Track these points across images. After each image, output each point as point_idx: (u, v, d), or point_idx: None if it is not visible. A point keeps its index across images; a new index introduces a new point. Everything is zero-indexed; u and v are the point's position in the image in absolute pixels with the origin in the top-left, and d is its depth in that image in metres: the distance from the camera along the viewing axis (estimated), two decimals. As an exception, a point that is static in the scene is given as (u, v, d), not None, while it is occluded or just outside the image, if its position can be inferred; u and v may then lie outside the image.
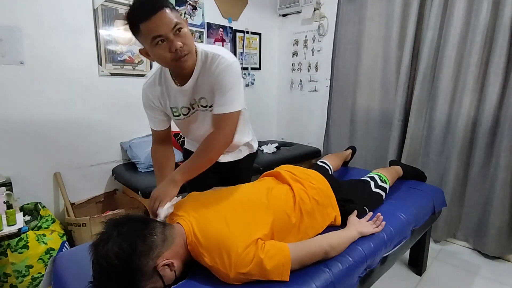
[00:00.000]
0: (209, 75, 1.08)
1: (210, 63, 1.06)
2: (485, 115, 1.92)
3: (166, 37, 0.94)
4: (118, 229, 0.82)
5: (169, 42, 0.95)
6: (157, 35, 0.93)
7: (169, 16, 0.93)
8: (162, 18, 0.92)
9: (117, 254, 0.77)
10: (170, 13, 0.93)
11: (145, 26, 0.92)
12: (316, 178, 1.29)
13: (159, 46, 0.95)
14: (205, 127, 1.21)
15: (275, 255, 0.88)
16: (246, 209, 1.00)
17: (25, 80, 1.83)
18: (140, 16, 0.92)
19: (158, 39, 0.94)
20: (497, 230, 1.92)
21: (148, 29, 0.92)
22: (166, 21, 0.93)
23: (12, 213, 1.35)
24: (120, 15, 2.14)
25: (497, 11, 1.83)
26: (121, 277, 0.77)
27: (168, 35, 0.94)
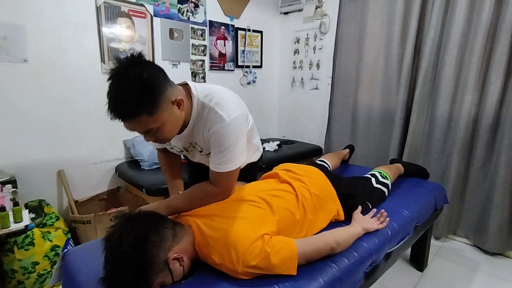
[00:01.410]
0: (204, 129, 0.99)
1: (206, 116, 0.98)
2: (486, 113, 1.93)
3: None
4: (131, 222, 0.84)
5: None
6: (126, 128, 0.88)
7: (141, 124, 0.85)
8: (132, 125, 0.85)
9: (131, 243, 0.79)
10: (144, 121, 0.84)
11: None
12: (315, 174, 1.32)
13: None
14: (203, 160, 1.18)
15: (281, 249, 0.89)
16: (250, 208, 1.01)
17: (28, 78, 1.83)
18: (110, 112, 0.83)
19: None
20: (498, 227, 1.94)
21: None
22: (136, 128, 0.86)
23: (18, 210, 1.37)
24: (123, 13, 2.14)
25: (499, 9, 1.84)
26: (134, 266, 0.79)
27: (139, 132, 0.89)
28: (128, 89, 0.80)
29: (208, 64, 2.74)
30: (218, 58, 2.81)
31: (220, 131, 0.96)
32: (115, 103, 0.82)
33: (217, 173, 1.01)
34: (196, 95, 0.99)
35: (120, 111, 0.82)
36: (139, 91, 0.80)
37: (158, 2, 2.32)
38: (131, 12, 2.18)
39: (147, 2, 2.25)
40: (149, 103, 0.83)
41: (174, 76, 2.44)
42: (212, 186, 1.04)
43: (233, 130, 0.97)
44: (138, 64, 0.83)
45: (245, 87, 3.10)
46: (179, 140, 1.10)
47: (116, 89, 0.81)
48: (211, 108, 0.97)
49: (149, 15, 2.28)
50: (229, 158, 0.98)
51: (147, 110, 0.82)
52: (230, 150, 0.98)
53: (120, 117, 0.83)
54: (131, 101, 0.80)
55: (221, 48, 2.82)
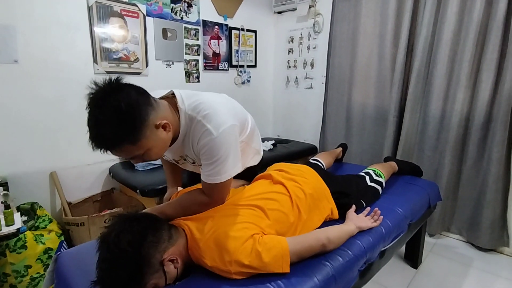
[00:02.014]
0: (193, 142, 0.97)
1: (194, 130, 0.95)
2: (478, 111, 1.95)
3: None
4: (129, 221, 0.84)
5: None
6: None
7: (125, 153, 0.84)
8: (117, 153, 0.84)
9: (129, 240, 0.79)
10: (128, 149, 0.83)
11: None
12: (309, 173, 1.32)
13: None
14: (197, 170, 1.15)
15: (273, 247, 0.89)
16: (243, 211, 1.01)
17: (19, 79, 1.81)
18: (93, 145, 0.82)
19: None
20: (490, 223, 1.96)
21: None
22: (122, 154, 0.86)
23: (10, 213, 1.35)
24: (115, 13, 2.12)
25: (490, 8, 1.87)
26: (131, 265, 0.78)
27: (125, 158, 0.89)
28: (107, 122, 0.78)
29: (202, 64, 2.73)
30: (212, 58, 2.80)
31: (209, 144, 0.92)
32: (95, 136, 0.80)
33: (208, 184, 0.98)
34: (183, 108, 0.95)
35: (101, 143, 0.80)
36: (118, 123, 0.78)
37: (151, 1, 2.30)
38: (123, 11, 2.16)
39: (139, 2, 2.24)
40: (130, 133, 0.80)
41: (168, 76, 2.42)
42: (204, 195, 1.02)
43: (222, 142, 0.93)
44: (117, 91, 0.80)
45: (239, 87, 3.09)
46: (169, 152, 1.08)
47: (95, 121, 0.79)
48: (198, 121, 0.93)
49: (142, 14, 2.26)
50: (219, 170, 0.95)
51: (129, 140, 0.80)
52: (220, 163, 0.94)
53: (102, 149, 0.81)
54: (111, 134, 0.78)
55: (215, 48, 2.81)
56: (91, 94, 0.81)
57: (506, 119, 1.85)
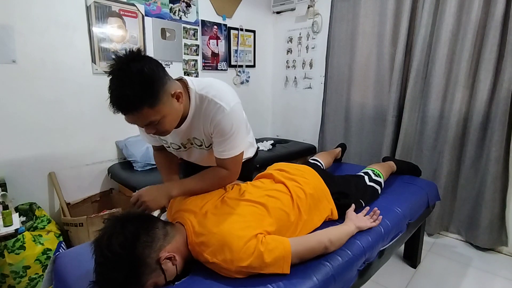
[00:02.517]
0: (204, 120, 1.01)
1: (206, 108, 1.00)
2: (477, 111, 1.96)
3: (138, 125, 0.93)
4: (121, 223, 0.83)
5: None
6: (129, 122, 0.90)
7: (143, 117, 0.86)
8: (134, 118, 0.87)
9: (121, 243, 0.78)
10: (146, 113, 0.85)
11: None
12: (309, 173, 1.32)
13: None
14: (201, 158, 1.21)
15: (275, 248, 0.89)
16: (245, 208, 1.01)
17: (17, 79, 1.80)
18: (112, 106, 0.84)
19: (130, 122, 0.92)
20: (489, 223, 1.97)
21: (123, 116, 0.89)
22: (138, 121, 0.88)
23: (8, 214, 1.34)
24: (114, 12, 2.12)
25: (488, 8, 1.87)
26: (125, 267, 0.78)
27: (140, 125, 0.92)
28: (130, 83, 0.81)
29: (201, 64, 2.73)
30: (211, 58, 2.80)
31: (223, 120, 0.99)
32: (118, 98, 0.83)
33: (223, 160, 1.06)
34: (193, 89, 1.00)
35: (123, 105, 0.83)
36: (141, 85, 0.82)
37: (150, 1, 2.30)
38: (122, 11, 2.15)
39: (138, 2, 2.23)
40: (151, 96, 0.85)
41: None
42: (222, 169, 1.09)
43: (234, 118, 1.01)
44: (138, 59, 0.85)
45: (238, 87, 3.09)
46: (177, 136, 1.10)
47: (118, 83, 0.82)
48: (210, 99, 0.99)
49: (140, 14, 2.26)
50: (232, 145, 1.04)
51: (149, 103, 0.84)
52: (234, 138, 1.02)
53: (123, 111, 0.84)
54: (134, 95, 0.82)
55: (213, 48, 2.81)
56: (113, 61, 0.85)
57: (504, 119, 1.86)
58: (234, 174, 1.11)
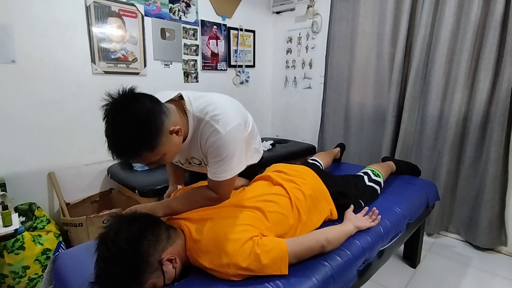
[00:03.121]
0: (201, 142, 1.01)
1: (203, 130, 0.99)
2: (476, 111, 1.96)
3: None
4: (127, 220, 0.84)
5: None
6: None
7: (143, 160, 0.87)
8: (135, 161, 0.90)
9: (127, 239, 0.79)
10: (146, 156, 0.86)
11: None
12: (308, 174, 1.32)
13: None
14: (203, 170, 1.19)
15: (272, 249, 0.89)
16: (242, 213, 1.01)
17: (17, 79, 1.80)
18: (112, 153, 0.84)
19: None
20: (488, 223, 1.97)
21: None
22: (139, 162, 0.90)
23: (8, 214, 1.34)
24: (113, 12, 2.12)
25: (487, 8, 1.87)
26: (129, 263, 0.78)
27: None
28: (126, 132, 0.81)
29: (201, 64, 2.72)
30: (210, 58, 2.80)
31: (216, 143, 0.97)
32: (115, 146, 0.82)
33: (214, 182, 1.03)
34: (191, 111, 0.99)
35: (122, 153, 0.84)
36: (137, 133, 0.81)
37: (149, 1, 2.30)
38: (121, 11, 2.15)
39: (138, 2, 2.23)
40: (148, 141, 0.83)
41: (166, 76, 2.42)
42: (211, 191, 1.06)
43: (229, 141, 0.98)
44: (132, 102, 0.83)
45: (238, 87, 3.09)
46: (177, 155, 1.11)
47: (114, 131, 0.82)
48: (207, 121, 0.97)
49: (140, 14, 2.26)
50: (225, 168, 1.00)
51: (147, 148, 0.84)
52: (227, 161, 0.99)
53: (122, 158, 0.85)
54: (131, 143, 0.82)
55: (213, 48, 2.81)
56: (107, 106, 0.82)
57: (503, 119, 1.86)
58: (223, 198, 1.08)
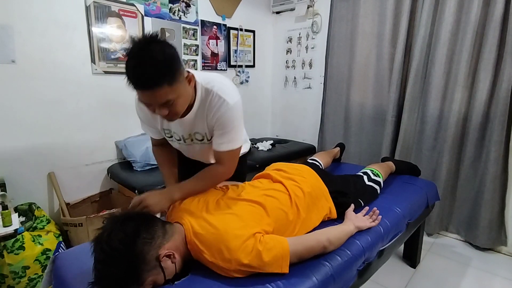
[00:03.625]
0: (208, 114, 1.06)
1: (210, 102, 1.04)
2: (476, 111, 1.96)
3: (152, 105, 0.94)
4: (121, 221, 0.84)
5: (154, 106, 0.94)
6: (142, 101, 0.93)
7: (161, 95, 0.88)
8: (153, 96, 0.89)
9: (121, 239, 0.79)
10: (164, 91, 0.88)
11: (137, 91, 0.90)
12: (307, 172, 1.32)
13: (145, 104, 0.95)
14: (200, 153, 1.24)
15: (273, 247, 0.89)
16: (244, 207, 1.01)
17: (17, 79, 1.80)
18: (133, 83, 0.87)
19: (143, 103, 0.95)
20: (488, 223, 1.97)
21: (138, 93, 0.91)
22: (156, 99, 0.90)
23: (7, 214, 1.34)
24: (113, 12, 2.12)
25: (487, 8, 1.87)
26: (125, 263, 0.78)
27: (154, 105, 0.93)
28: (152, 61, 0.85)
29: (201, 64, 2.72)
30: (210, 58, 2.80)
31: (226, 114, 1.04)
32: (139, 75, 0.86)
33: (222, 152, 1.10)
34: (200, 82, 1.05)
35: (145, 81, 0.87)
36: (162, 63, 0.86)
37: (149, 1, 2.30)
38: (121, 11, 2.15)
39: (137, 2, 2.23)
40: (171, 74, 0.89)
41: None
42: (218, 166, 1.13)
43: (236, 113, 1.06)
44: (158, 42, 0.90)
45: (238, 87, 3.07)
46: (180, 126, 1.13)
47: (140, 62, 0.86)
48: (215, 93, 1.04)
49: (140, 14, 2.26)
50: (232, 138, 1.09)
51: (168, 81, 0.88)
52: (234, 131, 1.08)
53: (143, 87, 0.87)
54: (155, 72, 0.85)
55: (213, 48, 2.81)
56: (133, 43, 0.88)
57: (503, 119, 1.86)
58: (230, 170, 1.14)
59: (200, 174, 1.13)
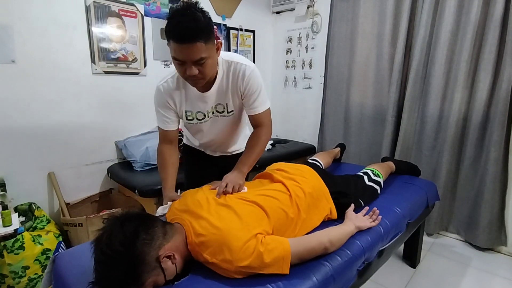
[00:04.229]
0: (233, 82, 1.18)
1: (234, 71, 1.17)
2: (476, 111, 1.96)
3: (184, 62, 1.02)
4: (120, 222, 0.83)
5: (186, 66, 1.02)
6: (178, 58, 1.01)
7: (197, 50, 0.98)
8: (189, 50, 0.98)
9: (121, 241, 0.78)
10: (200, 47, 0.98)
11: (174, 45, 0.99)
12: (308, 172, 1.32)
13: (176, 63, 1.04)
14: (215, 132, 1.32)
15: (275, 248, 0.89)
16: (244, 208, 1.01)
17: (17, 79, 1.80)
18: (172, 36, 0.98)
19: (178, 61, 1.03)
20: (488, 223, 1.97)
21: (174, 49, 1.00)
22: (192, 54, 0.99)
23: (7, 214, 1.34)
24: (113, 12, 2.12)
25: (487, 8, 1.87)
26: (125, 265, 0.78)
27: (187, 62, 1.01)
28: (195, 20, 0.97)
29: (201, 64, 2.72)
30: (210, 58, 2.80)
31: (252, 76, 1.17)
32: (182, 29, 0.96)
33: (260, 114, 1.24)
34: (221, 57, 1.16)
35: (185, 35, 0.96)
36: (202, 23, 0.98)
37: (149, 1, 2.30)
38: (121, 11, 2.15)
39: (137, 2, 2.23)
40: (207, 34, 1.00)
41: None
42: (259, 129, 1.27)
43: (258, 75, 1.20)
44: (199, 8, 1.01)
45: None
46: (204, 102, 1.22)
47: (185, 18, 0.97)
48: (236, 63, 1.17)
49: (140, 14, 2.25)
50: (263, 99, 1.23)
51: (205, 39, 0.99)
52: (263, 92, 1.22)
53: (183, 40, 0.97)
54: (196, 28, 0.97)
55: (213, 48, 2.80)
56: (181, 4, 1.01)
57: (503, 119, 1.86)
58: (270, 128, 1.29)
59: (248, 144, 1.27)
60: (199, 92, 1.19)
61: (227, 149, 1.48)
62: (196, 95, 1.20)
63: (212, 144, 1.43)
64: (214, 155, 1.50)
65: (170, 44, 1.01)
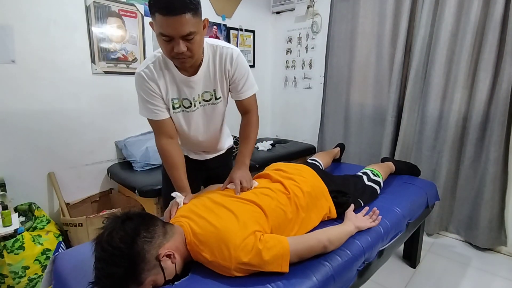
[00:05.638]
0: (220, 66, 1.14)
1: (220, 54, 1.13)
2: (476, 111, 1.96)
3: (172, 38, 0.95)
4: (121, 220, 0.84)
5: (174, 43, 0.96)
6: (165, 34, 0.94)
7: (185, 23, 0.92)
8: (178, 23, 0.92)
9: (121, 238, 0.79)
10: (188, 20, 0.93)
11: (160, 19, 0.92)
12: (307, 172, 1.32)
13: (163, 41, 0.97)
14: (205, 122, 1.26)
15: (274, 246, 0.89)
16: (242, 206, 1.01)
17: (17, 79, 1.80)
18: (159, 7, 0.91)
19: (165, 37, 0.95)
20: (488, 223, 1.97)
21: (161, 23, 0.93)
22: (180, 27, 0.93)
23: (7, 214, 1.34)
24: (113, 13, 2.12)
25: (487, 8, 1.87)
26: (125, 262, 0.78)
27: (175, 38, 0.95)
28: None
29: (201, 64, 2.72)
30: (210, 58, 2.80)
31: (239, 59, 1.16)
32: (168, 1, 0.90)
33: (249, 99, 1.24)
34: (206, 41, 1.12)
35: (173, 4, 0.90)
36: None
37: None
38: (121, 11, 2.15)
39: (137, 2, 2.23)
40: (195, 6, 0.95)
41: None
42: (249, 115, 1.26)
43: (244, 58, 1.20)
44: None
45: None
46: (190, 88, 1.15)
47: None
48: (222, 47, 1.14)
49: (140, 14, 2.26)
50: (251, 83, 1.23)
51: (193, 11, 0.94)
52: (250, 74, 1.22)
53: (169, 12, 0.90)
54: (183, 0, 0.91)
55: (213, 48, 2.80)
56: None
57: (503, 119, 1.86)
58: (257, 112, 1.29)
59: (243, 133, 1.27)
60: (185, 76, 1.10)
61: (216, 145, 1.38)
62: (182, 79, 1.11)
63: (201, 141, 1.29)
64: (200, 159, 1.39)
65: (155, 18, 0.93)
